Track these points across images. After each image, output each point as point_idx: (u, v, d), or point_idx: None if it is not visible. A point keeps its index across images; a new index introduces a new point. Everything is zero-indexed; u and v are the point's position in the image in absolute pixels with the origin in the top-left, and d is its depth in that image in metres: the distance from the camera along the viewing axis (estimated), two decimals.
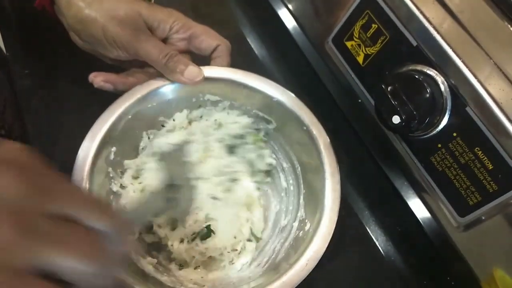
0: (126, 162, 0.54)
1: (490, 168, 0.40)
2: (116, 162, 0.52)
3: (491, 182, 0.40)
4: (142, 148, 0.56)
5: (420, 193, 0.49)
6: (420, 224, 0.52)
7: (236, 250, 0.53)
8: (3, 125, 0.69)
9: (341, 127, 0.58)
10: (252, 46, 0.71)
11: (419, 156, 0.47)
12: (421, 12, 0.43)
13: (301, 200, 0.53)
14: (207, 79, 0.52)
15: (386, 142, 0.51)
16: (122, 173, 0.53)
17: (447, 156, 0.43)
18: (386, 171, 0.57)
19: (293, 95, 0.52)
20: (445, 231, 0.47)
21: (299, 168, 0.54)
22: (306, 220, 0.50)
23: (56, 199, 0.26)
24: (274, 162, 0.57)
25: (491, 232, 0.42)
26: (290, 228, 0.52)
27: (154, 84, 0.51)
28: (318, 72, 0.61)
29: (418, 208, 0.52)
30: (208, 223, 0.53)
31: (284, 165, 0.57)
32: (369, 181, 0.51)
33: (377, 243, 0.57)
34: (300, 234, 0.49)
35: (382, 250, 0.56)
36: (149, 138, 0.56)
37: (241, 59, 0.58)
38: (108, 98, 0.63)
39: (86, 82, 0.67)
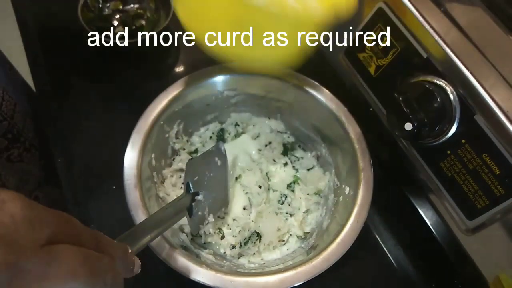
0: (164, 172, 0.58)
1: (498, 173, 0.42)
2: (157, 167, 0.56)
3: (499, 186, 0.43)
4: (173, 159, 0.61)
5: (429, 197, 0.52)
6: (429, 227, 0.54)
7: (283, 241, 0.57)
8: (11, 129, 0.71)
9: None
10: None
11: (429, 162, 0.49)
12: (431, 26, 0.46)
13: (333, 171, 0.58)
14: (222, 77, 0.57)
15: (396, 149, 0.54)
16: (162, 182, 0.57)
17: (456, 162, 0.46)
18: (395, 176, 0.59)
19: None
20: (453, 234, 0.49)
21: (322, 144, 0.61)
22: (343, 186, 0.54)
23: (39, 284, 0.24)
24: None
25: (498, 234, 0.44)
26: (326, 198, 0.58)
27: (175, 90, 0.55)
28: (329, 82, 0.63)
29: (427, 212, 0.54)
30: (254, 230, 0.56)
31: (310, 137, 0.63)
32: (378, 186, 0.53)
33: (386, 247, 0.58)
34: (341, 199, 0.54)
35: (391, 254, 0.58)
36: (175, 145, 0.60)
37: None
38: (126, 107, 0.66)
39: (105, 88, 0.70)
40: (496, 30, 0.46)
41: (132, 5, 0.76)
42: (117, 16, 0.75)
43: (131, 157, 0.51)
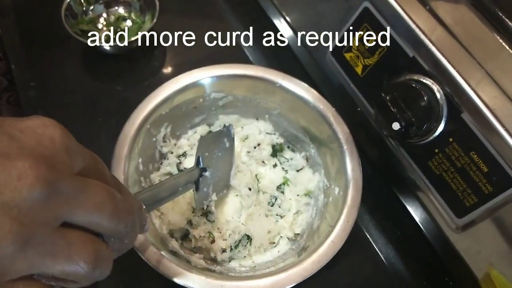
0: (152, 176, 0.57)
1: (485, 170, 0.43)
2: (145, 171, 0.55)
3: (487, 184, 0.43)
4: (161, 163, 0.60)
5: (418, 196, 0.52)
6: (419, 226, 0.54)
7: (274, 243, 0.57)
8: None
9: None
10: (251, 58, 0.73)
11: (417, 161, 0.49)
12: (417, 25, 0.46)
13: (322, 171, 0.58)
14: (209, 79, 0.57)
15: (385, 148, 0.54)
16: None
17: (444, 160, 0.46)
18: (384, 175, 0.59)
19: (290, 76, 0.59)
20: (443, 233, 0.49)
21: (311, 144, 0.60)
22: (333, 186, 0.54)
23: (69, 209, 0.24)
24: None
25: (487, 232, 0.45)
26: (316, 199, 0.58)
27: (162, 92, 0.54)
28: (317, 82, 0.63)
29: (417, 211, 0.54)
30: (244, 233, 0.56)
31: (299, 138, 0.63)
32: (367, 186, 0.53)
33: (376, 246, 0.58)
34: (330, 199, 0.54)
35: (382, 253, 0.58)
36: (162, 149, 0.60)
37: None
38: (112, 111, 0.65)
39: (91, 94, 0.69)
40: (481, 27, 0.46)
41: (116, 8, 0.75)
42: (102, 18, 0.74)
43: (117, 162, 0.50)
